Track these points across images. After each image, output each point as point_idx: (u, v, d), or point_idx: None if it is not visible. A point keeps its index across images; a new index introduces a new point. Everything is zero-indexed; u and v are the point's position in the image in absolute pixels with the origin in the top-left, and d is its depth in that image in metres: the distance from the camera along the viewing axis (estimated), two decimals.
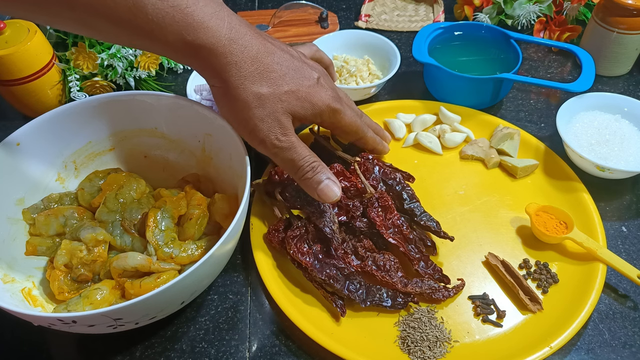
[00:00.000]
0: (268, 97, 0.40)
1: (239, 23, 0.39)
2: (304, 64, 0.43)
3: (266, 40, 0.41)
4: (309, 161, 0.43)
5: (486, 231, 0.54)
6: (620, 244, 0.54)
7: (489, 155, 0.60)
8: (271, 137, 0.41)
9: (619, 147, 0.58)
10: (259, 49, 0.39)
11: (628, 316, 0.48)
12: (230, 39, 0.37)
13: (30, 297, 0.44)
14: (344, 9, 0.86)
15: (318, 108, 0.43)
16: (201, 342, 0.46)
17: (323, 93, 0.43)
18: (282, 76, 0.40)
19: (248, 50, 0.38)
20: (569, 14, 0.77)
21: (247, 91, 0.39)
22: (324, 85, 0.43)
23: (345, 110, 0.45)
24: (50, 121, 0.49)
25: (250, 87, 0.39)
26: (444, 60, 0.64)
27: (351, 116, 0.46)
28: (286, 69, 0.41)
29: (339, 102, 0.45)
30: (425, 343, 0.44)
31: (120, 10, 0.33)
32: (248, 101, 0.39)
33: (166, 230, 0.46)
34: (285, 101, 0.40)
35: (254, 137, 0.41)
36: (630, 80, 0.72)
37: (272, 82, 0.40)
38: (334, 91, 0.45)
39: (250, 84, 0.39)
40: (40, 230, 0.48)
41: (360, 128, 0.48)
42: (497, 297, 0.48)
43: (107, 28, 0.35)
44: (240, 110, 0.40)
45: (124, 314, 0.37)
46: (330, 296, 0.46)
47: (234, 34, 0.37)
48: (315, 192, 0.43)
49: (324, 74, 0.45)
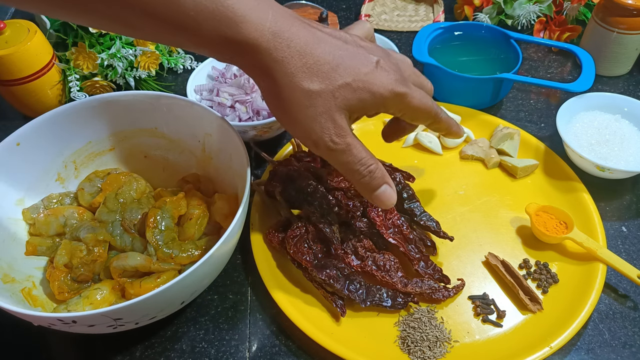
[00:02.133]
0: (320, 94, 0.35)
1: (284, 14, 0.35)
2: (360, 48, 0.38)
3: (315, 29, 0.36)
4: (366, 164, 0.39)
5: (486, 231, 0.54)
6: (620, 244, 0.54)
7: (489, 155, 0.60)
8: (325, 139, 0.37)
9: (619, 147, 0.58)
10: (307, 40, 0.35)
11: (628, 316, 0.48)
12: (274, 33, 0.34)
13: (30, 297, 0.44)
14: (344, 9, 0.86)
15: (380, 96, 0.37)
16: (201, 342, 0.46)
17: (384, 78, 0.37)
18: (334, 68, 0.36)
19: (295, 43, 0.34)
20: (569, 14, 0.77)
21: (296, 89, 0.35)
22: (384, 68, 0.38)
23: (412, 92, 0.39)
24: (50, 121, 0.49)
25: (300, 84, 0.35)
26: (444, 60, 0.64)
27: (420, 98, 0.40)
28: (339, 59, 0.36)
29: (404, 84, 0.39)
30: (425, 343, 0.44)
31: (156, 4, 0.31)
32: (298, 100, 0.35)
33: (166, 230, 0.46)
34: (339, 97, 0.36)
35: (306, 139, 0.38)
36: (630, 80, 0.72)
37: (323, 76, 0.35)
38: (397, 72, 0.39)
39: (299, 81, 0.35)
40: (40, 230, 0.48)
41: (432, 109, 0.42)
42: (497, 297, 0.48)
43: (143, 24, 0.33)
44: (290, 110, 0.36)
45: (124, 314, 0.37)
46: (330, 296, 0.46)
47: (278, 26, 0.34)
48: (371, 197, 0.41)
49: (384, 55, 0.39)
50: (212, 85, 0.62)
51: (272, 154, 0.60)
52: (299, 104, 0.36)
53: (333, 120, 0.36)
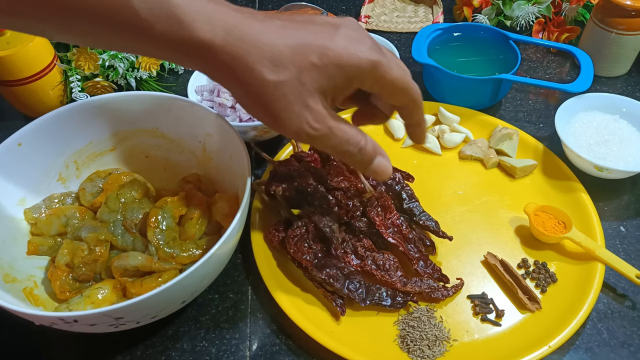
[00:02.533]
0: (286, 83, 0.33)
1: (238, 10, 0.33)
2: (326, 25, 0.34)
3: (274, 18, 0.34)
4: (355, 142, 0.37)
5: (485, 231, 0.54)
6: (619, 243, 0.54)
7: (488, 156, 0.60)
8: (305, 128, 0.35)
9: (617, 147, 0.58)
10: (261, 30, 0.33)
11: (626, 315, 0.48)
12: (226, 30, 0.32)
13: (31, 296, 0.45)
14: (344, 10, 0.86)
15: (350, 67, 0.33)
16: (202, 341, 0.46)
17: (353, 47, 0.33)
18: (296, 51, 0.33)
19: (249, 35, 0.32)
20: (568, 15, 0.78)
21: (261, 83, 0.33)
22: (352, 37, 0.34)
23: (389, 62, 0.35)
24: (52, 122, 0.49)
25: (263, 77, 0.33)
26: (443, 61, 0.64)
27: (398, 70, 0.36)
28: (300, 40, 0.33)
29: (379, 53, 0.35)
30: (424, 342, 0.44)
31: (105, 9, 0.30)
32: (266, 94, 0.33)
33: (167, 230, 0.46)
34: (307, 80, 0.33)
35: (287, 131, 0.35)
36: (629, 81, 0.73)
37: (286, 62, 0.33)
38: (368, 40, 0.35)
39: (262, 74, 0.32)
40: (42, 230, 0.48)
41: (411, 87, 0.38)
42: (496, 297, 0.48)
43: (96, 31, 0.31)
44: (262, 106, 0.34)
45: (125, 313, 0.37)
46: (330, 295, 0.46)
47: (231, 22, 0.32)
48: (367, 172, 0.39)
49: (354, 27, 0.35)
50: (212, 85, 0.63)
51: (273, 154, 0.60)
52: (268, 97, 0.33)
53: (307, 106, 0.34)
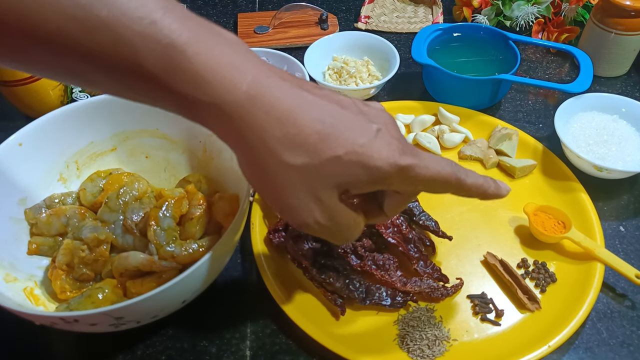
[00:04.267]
0: (303, 170, 0.29)
1: (267, 72, 0.29)
2: (360, 115, 0.31)
3: (305, 91, 0.30)
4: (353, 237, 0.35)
5: (485, 231, 0.54)
6: (618, 243, 0.54)
7: (488, 156, 0.60)
8: (308, 221, 0.31)
9: (616, 147, 0.58)
10: (292, 105, 0.29)
11: (626, 315, 0.48)
12: (251, 97, 0.28)
13: (32, 296, 0.45)
14: (344, 11, 0.86)
15: (378, 171, 0.30)
16: (202, 340, 0.46)
17: (384, 149, 0.30)
18: (323, 138, 0.29)
19: (276, 109, 0.28)
20: (567, 15, 0.78)
21: (276, 163, 0.29)
22: (385, 138, 0.31)
23: (422, 161, 0.31)
24: (53, 122, 0.49)
25: (280, 157, 0.29)
26: (442, 62, 0.65)
27: (434, 164, 0.32)
28: (330, 127, 0.29)
29: (411, 154, 0.31)
30: (424, 342, 0.44)
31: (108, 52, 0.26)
32: (277, 175, 0.30)
33: (167, 229, 0.47)
34: (325, 173, 0.30)
35: (289, 220, 0.32)
36: (628, 81, 0.73)
37: (308, 148, 0.29)
38: (399, 142, 0.31)
39: (279, 154, 0.29)
40: (42, 229, 0.48)
41: (451, 176, 0.33)
42: (496, 296, 0.49)
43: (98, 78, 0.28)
44: (269, 185, 0.31)
45: (125, 313, 0.37)
46: (330, 295, 0.47)
47: (257, 88, 0.28)
48: None
49: (387, 123, 0.32)
50: None
51: None
52: (278, 179, 0.30)
53: (318, 199, 0.31)
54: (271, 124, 0.28)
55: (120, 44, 0.26)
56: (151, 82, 0.27)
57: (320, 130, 0.29)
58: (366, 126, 0.30)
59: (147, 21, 0.26)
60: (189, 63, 0.27)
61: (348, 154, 0.29)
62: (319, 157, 0.29)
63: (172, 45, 0.26)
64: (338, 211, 0.32)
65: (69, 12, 0.25)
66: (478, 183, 0.35)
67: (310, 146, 0.29)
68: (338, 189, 0.31)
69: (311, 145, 0.29)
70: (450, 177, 0.33)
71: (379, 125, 0.31)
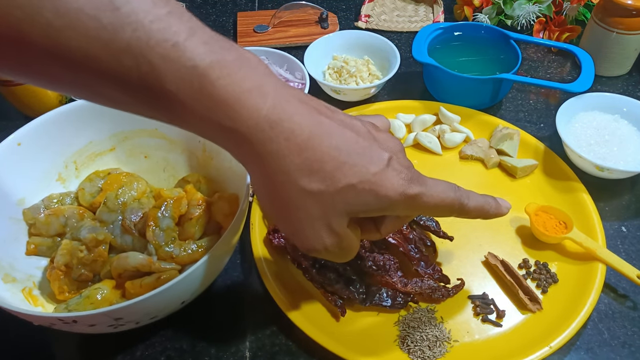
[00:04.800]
0: (318, 197, 0.30)
1: (287, 96, 0.29)
2: (373, 143, 0.32)
3: (323, 116, 0.30)
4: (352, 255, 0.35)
5: (486, 231, 0.54)
6: (620, 243, 0.54)
7: (489, 156, 0.60)
8: (317, 247, 0.32)
9: (618, 147, 0.58)
10: (311, 132, 0.29)
11: (627, 316, 0.48)
12: (271, 122, 0.28)
13: (30, 296, 0.44)
14: (344, 10, 0.86)
15: (387, 200, 0.31)
16: (201, 341, 0.46)
17: (394, 179, 0.31)
18: (339, 166, 0.30)
19: (296, 135, 0.29)
20: (569, 14, 0.77)
21: (291, 188, 0.30)
22: (395, 167, 0.31)
23: (428, 189, 0.33)
24: (51, 121, 0.49)
25: (297, 182, 0.29)
26: (443, 61, 0.64)
27: (439, 192, 0.33)
28: (346, 156, 0.30)
29: (418, 183, 0.32)
30: (425, 343, 0.44)
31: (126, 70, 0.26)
32: (291, 200, 0.30)
33: (167, 230, 0.46)
34: (339, 201, 0.30)
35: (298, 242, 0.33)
36: (630, 81, 0.72)
37: (325, 175, 0.29)
38: (408, 170, 0.32)
39: (296, 179, 0.29)
40: (41, 230, 0.48)
41: (454, 202, 0.35)
42: (497, 297, 0.48)
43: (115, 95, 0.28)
44: (281, 208, 0.31)
45: (124, 314, 0.37)
46: (330, 296, 0.46)
47: (277, 113, 0.28)
48: None
49: (396, 151, 0.33)
50: None
51: None
52: (291, 203, 0.30)
53: (329, 226, 0.31)
54: (290, 150, 0.29)
55: (143, 66, 0.26)
56: (175, 104, 0.27)
57: (337, 157, 0.30)
58: (379, 155, 0.31)
59: (171, 43, 0.26)
60: (212, 87, 0.27)
61: (362, 182, 0.30)
62: (334, 185, 0.30)
63: (195, 69, 0.26)
64: (346, 237, 0.33)
65: (91, 34, 0.24)
66: (479, 205, 0.37)
67: (327, 173, 0.29)
68: (348, 216, 0.32)
69: (328, 173, 0.29)
70: (454, 203, 0.35)
71: (390, 153, 0.32)
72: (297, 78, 0.65)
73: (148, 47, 0.25)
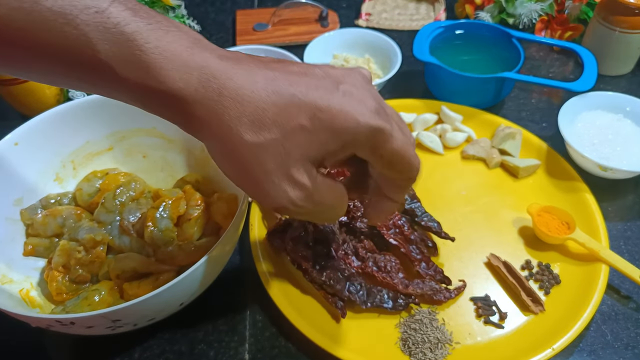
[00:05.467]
0: (268, 148, 0.28)
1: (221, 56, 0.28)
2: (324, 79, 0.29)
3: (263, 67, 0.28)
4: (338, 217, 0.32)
5: (488, 232, 0.53)
6: (623, 244, 0.53)
7: (491, 155, 0.60)
8: (283, 203, 0.29)
9: (621, 146, 0.57)
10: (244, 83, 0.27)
11: (631, 317, 0.48)
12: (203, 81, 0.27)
13: (28, 298, 0.44)
14: (345, 8, 0.85)
15: (346, 132, 0.28)
16: (200, 343, 0.46)
17: (353, 107, 0.28)
18: (282, 109, 0.27)
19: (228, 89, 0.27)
20: (571, 13, 0.77)
21: (241, 145, 0.28)
22: (353, 95, 0.28)
23: (393, 130, 0.29)
24: (49, 121, 0.49)
25: (243, 138, 0.27)
26: (445, 59, 0.64)
27: (401, 138, 0.30)
28: (289, 97, 0.27)
29: (383, 117, 0.29)
30: (426, 345, 0.44)
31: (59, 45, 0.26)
32: (245, 158, 0.28)
33: (165, 230, 0.46)
34: (291, 146, 0.28)
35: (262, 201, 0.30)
36: (633, 80, 0.72)
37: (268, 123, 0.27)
38: (373, 100, 0.29)
39: (241, 135, 0.27)
40: (38, 230, 0.48)
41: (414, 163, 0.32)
42: (499, 299, 0.48)
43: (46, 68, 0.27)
44: (241, 170, 0.29)
45: (122, 316, 0.37)
46: (331, 297, 0.46)
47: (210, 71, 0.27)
48: None
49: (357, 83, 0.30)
50: None
51: None
52: (246, 161, 0.28)
53: (290, 178, 0.28)
54: (226, 105, 0.27)
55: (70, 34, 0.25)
56: (107, 73, 0.27)
57: (277, 102, 0.27)
58: (331, 88, 0.28)
59: (94, 10, 0.26)
60: (140, 52, 0.26)
61: (311, 119, 0.27)
62: (281, 130, 0.27)
63: (122, 34, 0.26)
64: (316, 188, 0.30)
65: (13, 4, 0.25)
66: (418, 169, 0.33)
67: (270, 121, 0.27)
68: (310, 162, 0.29)
69: (271, 120, 0.27)
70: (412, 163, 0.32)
71: (346, 85, 0.29)
72: None
73: (72, 14, 0.25)
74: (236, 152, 0.28)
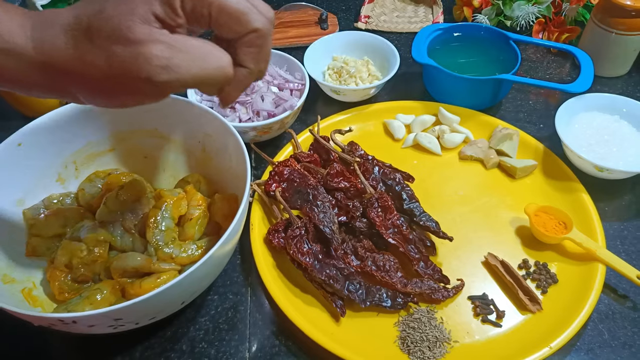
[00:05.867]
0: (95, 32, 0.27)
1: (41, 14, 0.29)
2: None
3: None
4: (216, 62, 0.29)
5: (486, 231, 0.54)
6: (620, 244, 0.54)
7: (488, 156, 0.60)
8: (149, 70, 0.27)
9: (617, 147, 0.58)
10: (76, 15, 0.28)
11: (627, 316, 0.48)
12: (33, 29, 0.29)
13: (30, 297, 0.44)
14: (344, 10, 0.86)
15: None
16: (201, 342, 0.46)
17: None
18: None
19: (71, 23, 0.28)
20: (568, 15, 0.77)
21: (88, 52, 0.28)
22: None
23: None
24: (51, 122, 0.49)
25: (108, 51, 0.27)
26: (443, 61, 0.64)
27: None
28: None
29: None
30: (425, 343, 0.44)
31: None
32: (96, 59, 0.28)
33: (166, 230, 0.46)
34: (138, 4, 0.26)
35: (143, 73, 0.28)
36: (629, 81, 0.72)
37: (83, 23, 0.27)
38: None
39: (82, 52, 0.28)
40: (41, 230, 0.48)
41: (250, 14, 0.28)
42: (497, 298, 0.48)
43: None
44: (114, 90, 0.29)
45: (124, 314, 0.37)
46: (330, 296, 0.46)
47: (41, 19, 0.29)
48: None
49: None
50: None
51: (272, 154, 0.60)
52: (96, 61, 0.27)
53: (125, 39, 0.27)
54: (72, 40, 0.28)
55: None
56: None
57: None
58: None
59: None
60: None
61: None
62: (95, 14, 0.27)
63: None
64: (174, 40, 0.27)
65: None
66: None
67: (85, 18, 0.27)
68: (151, 14, 0.27)
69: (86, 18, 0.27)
70: (248, 14, 0.29)
71: None
72: (296, 79, 0.65)
73: None
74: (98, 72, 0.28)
